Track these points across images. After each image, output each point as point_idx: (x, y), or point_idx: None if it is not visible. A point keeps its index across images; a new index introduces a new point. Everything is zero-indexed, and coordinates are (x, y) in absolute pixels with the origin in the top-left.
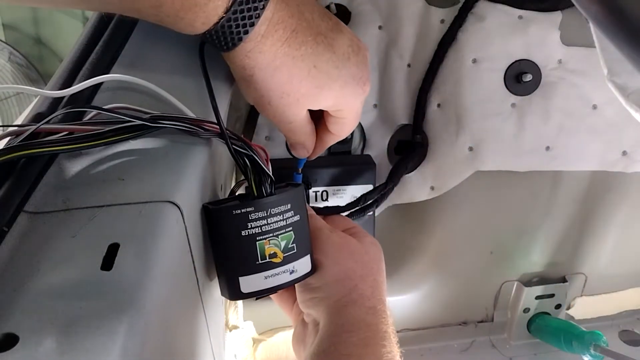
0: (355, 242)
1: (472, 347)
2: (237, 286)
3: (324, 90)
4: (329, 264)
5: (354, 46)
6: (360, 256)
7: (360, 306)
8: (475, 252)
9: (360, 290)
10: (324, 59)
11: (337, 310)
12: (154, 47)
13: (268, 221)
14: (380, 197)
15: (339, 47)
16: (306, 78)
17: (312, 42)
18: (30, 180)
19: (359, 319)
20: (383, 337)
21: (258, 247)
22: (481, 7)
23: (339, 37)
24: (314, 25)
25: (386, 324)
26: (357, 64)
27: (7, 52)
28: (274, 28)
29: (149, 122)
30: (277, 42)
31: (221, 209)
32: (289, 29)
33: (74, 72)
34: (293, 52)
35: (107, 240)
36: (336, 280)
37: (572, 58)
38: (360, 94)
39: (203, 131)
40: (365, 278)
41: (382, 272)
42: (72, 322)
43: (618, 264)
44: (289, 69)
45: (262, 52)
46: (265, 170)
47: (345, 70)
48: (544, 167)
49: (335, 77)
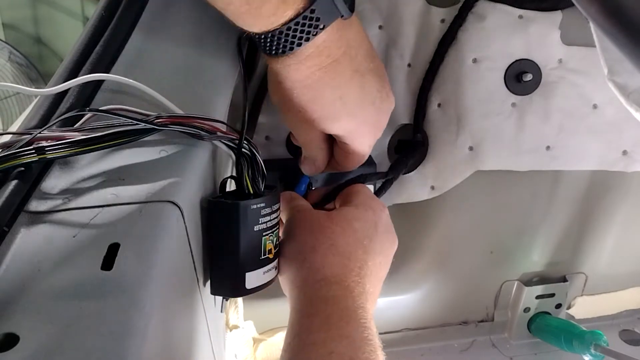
0: (321, 215)
1: (472, 346)
2: (242, 282)
3: (340, 122)
4: (286, 242)
5: (384, 95)
6: (320, 226)
7: (311, 282)
8: (476, 251)
9: (309, 263)
10: (353, 95)
11: (294, 292)
12: (154, 47)
13: (270, 217)
14: (380, 190)
15: (370, 89)
16: (330, 105)
17: (348, 78)
18: (30, 180)
19: (314, 297)
20: (346, 310)
21: (263, 242)
22: (481, 7)
23: (374, 82)
24: (356, 63)
25: (347, 292)
26: (379, 111)
27: (7, 52)
28: (318, 53)
29: (152, 125)
30: (315, 65)
31: (240, 204)
32: (331, 58)
33: (74, 72)
34: (326, 80)
35: (107, 240)
36: (290, 259)
37: (573, 57)
38: (372, 138)
39: (207, 134)
40: (317, 247)
41: (358, 232)
42: (72, 322)
43: (618, 264)
44: (317, 91)
45: (298, 70)
46: (262, 168)
47: (367, 112)
48: (544, 166)
49: (355, 114)
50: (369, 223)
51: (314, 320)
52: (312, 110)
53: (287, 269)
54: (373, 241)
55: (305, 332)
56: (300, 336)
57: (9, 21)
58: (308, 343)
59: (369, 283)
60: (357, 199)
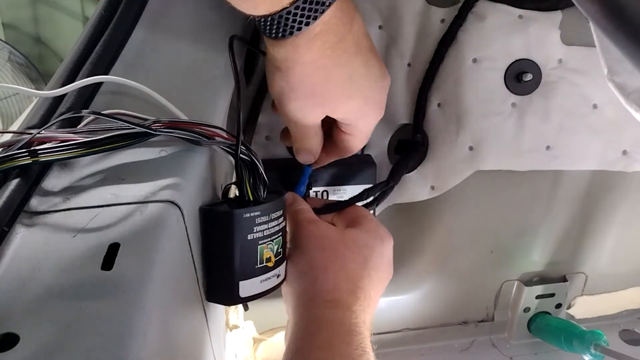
0: (332, 232)
1: (472, 346)
2: (236, 291)
3: (351, 101)
4: (296, 255)
5: (382, 72)
6: (332, 245)
7: (319, 302)
8: (476, 251)
9: (320, 283)
10: (360, 73)
11: (300, 308)
12: (154, 48)
13: (268, 225)
14: (381, 195)
15: (372, 68)
16: (341, 85)
17: (353, 55)
18: (30, 180)
19: (319, 316)
20: (348, 334)
21: (259, 251)
22: (481, 7)
23: (374, 60)
24: (358, 41)
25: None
26: (381, 89)
27: (7, 52)
28: (326, 30)
29: (149, 130)
30: (325, 44)
31: (233, 213)
32: (338, 36)
33: (74, 72)
34: (336, 58)
35: (108, 240)
36: (299, 272)
37: (573, 57)
38: (377, 116)
39: (206, 139)
40: (329, 268)
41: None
42: (72, 322)
43: (618, 263)
44: (328, 71)
45: (310, 49)
46: (262, 175)
47: (373, 91)
48: (544, 166)
49: (364, 92)
50: (377, 252)
51: (317, 339)
52: (323, 93)
53: (295, 283)
54: (377, 272)
55: (307, 349)
56: (303, 353)
57: (9, 21)
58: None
59: (369, 312)
60: (367, 224)
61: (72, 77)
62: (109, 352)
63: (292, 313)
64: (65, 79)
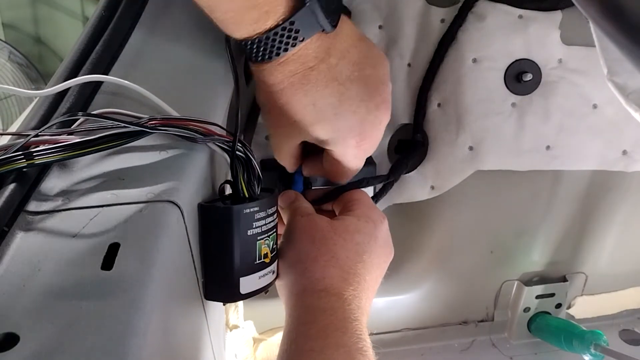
0: (323, 223)
1: (472, 346)
2: (237, 287)
3: (314, 127)
4: (287, 248)
5: (371, 105)
6: (322, 236)
7: (310, 292)
8: (476, 251)
9: (309, 273)
10: (326, 101)
11: (293, 300)
12: (154, 48)
13: (266, 221)
14: (381, 191)
15: (349, 98)
16: (301, 111)
17: (322, 84)
18: (30, 180)
19: (312, 306)
20: (343, 322)
21: (257, 246)
22: (481, 7)
23: (356, 90)
24: (335, 71)
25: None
26: (363, 121)
27: (7, 52)
28: (292, 61)
29: (143, 128)
30: (288, 72)
31: (232, 209)
32: (306, 66)
33: (74, 72)
34: (298, 86)
35: (107, 240)
36: (290, 265)
37: (573, 57)
38: (357, 149)
39: (201, 137)
40: (319, 258)
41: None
42: (72, 322)
43: (618, 263)
44: (289, 97)
45: (272, 74)
46: (257, 171)
47: (346, 121)
48: (544, 166)
49: (330, 122)
50: (370, 236)
51: (311, 328)
52: (287, 114)
53: (286, 276)
54: (372, 256)
55: (302, 340)
56: (297, 343)
57: (9, 21)
58: (305, 350)
59: (365, 297)
60: (359, 209)
61: (71, 77)
62: (109, 352)
63: (286, 307)
64: (65, 79)
